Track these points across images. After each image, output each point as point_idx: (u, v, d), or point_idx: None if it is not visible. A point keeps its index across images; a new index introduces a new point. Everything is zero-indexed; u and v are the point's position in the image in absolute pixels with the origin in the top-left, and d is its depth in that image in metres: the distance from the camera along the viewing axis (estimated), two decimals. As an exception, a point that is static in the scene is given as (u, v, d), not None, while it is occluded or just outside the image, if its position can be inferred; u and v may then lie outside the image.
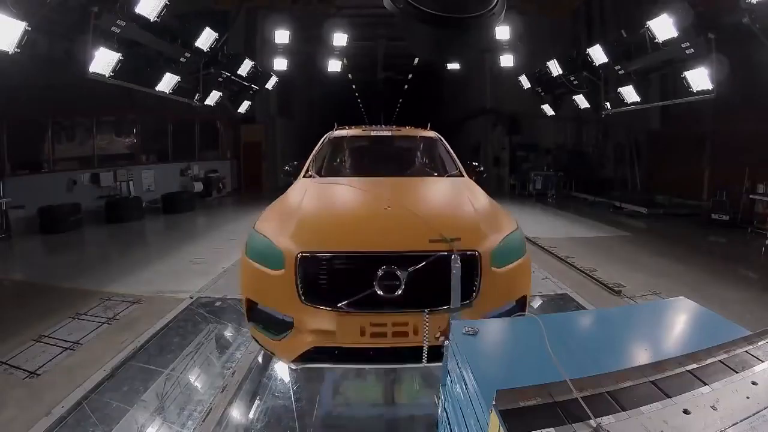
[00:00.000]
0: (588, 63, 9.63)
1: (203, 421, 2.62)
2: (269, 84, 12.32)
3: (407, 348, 2.34)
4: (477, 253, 2.42)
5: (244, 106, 12.08)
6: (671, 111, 10.49)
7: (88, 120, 10.37)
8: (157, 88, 8.21)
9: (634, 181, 12.90)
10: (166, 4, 6.73)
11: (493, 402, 0.95)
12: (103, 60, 6.45)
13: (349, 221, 2.85)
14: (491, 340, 1.45)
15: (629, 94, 8.95)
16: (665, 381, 1.04)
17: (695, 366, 1.10)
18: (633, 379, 1.05)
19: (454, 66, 13.84)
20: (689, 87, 7.27)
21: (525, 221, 4.78)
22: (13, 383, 3.06)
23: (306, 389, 2.97)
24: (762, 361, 1.12)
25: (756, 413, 0.95)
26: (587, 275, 5.51)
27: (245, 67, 10.71)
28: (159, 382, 3.05)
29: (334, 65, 12.63)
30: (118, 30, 6.58)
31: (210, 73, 9.87)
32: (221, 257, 6.27)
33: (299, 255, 2.40)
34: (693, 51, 7.09)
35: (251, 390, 2.98)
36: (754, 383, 1.04)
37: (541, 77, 11.67)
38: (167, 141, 12.73)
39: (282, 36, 11.45)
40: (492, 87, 15.51)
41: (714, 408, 0.96)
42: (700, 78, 7.09)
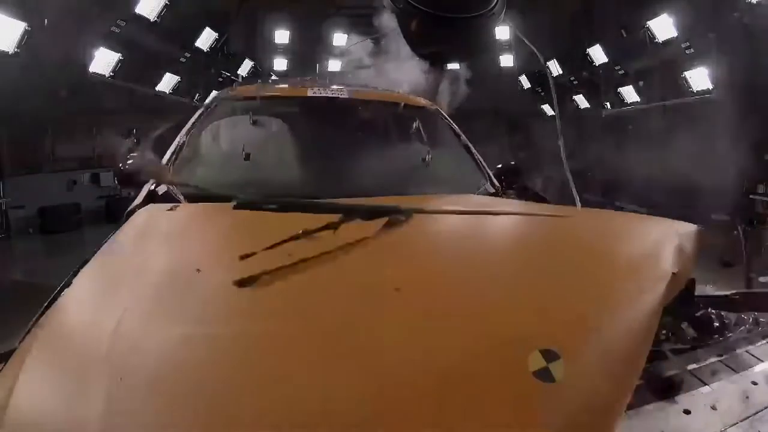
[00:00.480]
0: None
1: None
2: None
3: None
4: None
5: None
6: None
7: (88, 120, 10.34)
8: (157, 88, 8.22)
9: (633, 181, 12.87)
10: (166, 4, 6.74)
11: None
12: (103, 60, 6.46)
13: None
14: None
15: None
16: (665, 381, 1.05)
17: (695, 366, 1.10)
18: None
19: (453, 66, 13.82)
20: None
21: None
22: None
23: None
24: (762, 361, 1.12)
25: (756, 413, 0.95)
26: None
27: (245, 67, 10.72)
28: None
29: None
30: (118, 30, 6.59)
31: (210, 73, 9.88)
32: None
33: None
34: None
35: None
36: (754, 383, 1.04)
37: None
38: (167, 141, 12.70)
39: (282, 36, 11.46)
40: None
41: (714, 408, 0.96)
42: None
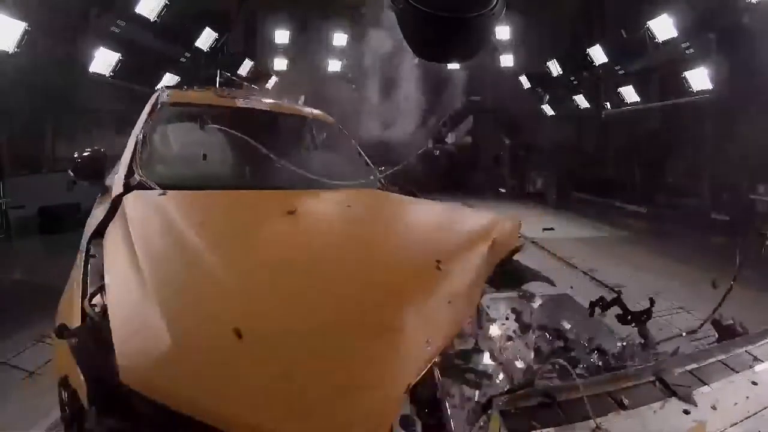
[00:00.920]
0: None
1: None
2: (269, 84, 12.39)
3: None
4: None
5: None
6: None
7: (88, 119, 10.33)
8: (157, 88, 8.22)
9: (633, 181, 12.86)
10: (166, 4, 6.74)
11: (493, 402, 0.95)
12: (103, 60, 6.47)
13: None
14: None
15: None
16: (665, 381, 1.05)
17: (695, 366, 1.10)
18: (633, 379, 1.05)
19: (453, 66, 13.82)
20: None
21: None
22: (14, 382, 3.06)
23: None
24: (762, 361, 1.12)
25: (756, 413, 0.95)
26: (588, 275, 5.51)
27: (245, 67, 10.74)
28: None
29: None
30: (118, 30, 6.59)
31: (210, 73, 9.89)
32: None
33: None
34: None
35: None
36: (754, 383, 1.04)
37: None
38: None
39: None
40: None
41: (714, 408, 0.96)
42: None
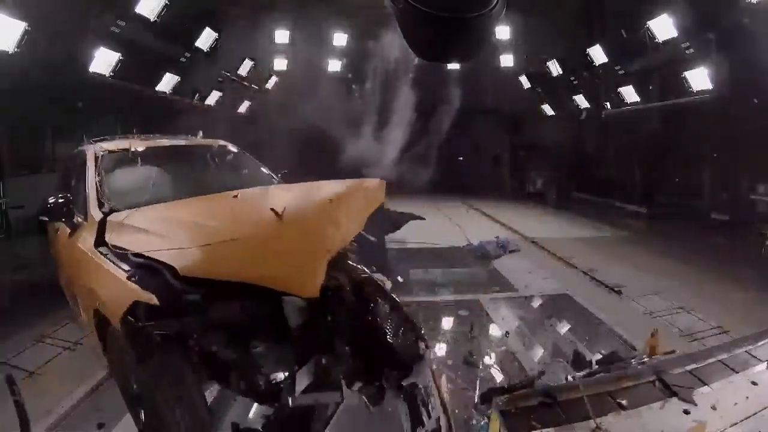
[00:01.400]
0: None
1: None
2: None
3: None
4: None
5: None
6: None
7: (88, 119, 10.31)
8: (157, 88, 8.22)
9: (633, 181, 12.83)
10: (166, 4, 6.74)
11: (494, 402, 0.96)
12: (103, 60, 6.46)
13: None
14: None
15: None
16: (665, 381, 1.04)
17: (695, 366, 1.10)
18: (633, 379, 1.05)
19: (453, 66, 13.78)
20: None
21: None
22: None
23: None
24: (762, 361, 1.12)
25: (756, 413, 0.95)
26: (588, 275, 5.50)
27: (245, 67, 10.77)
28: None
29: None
30: (118, 30, 6.59)
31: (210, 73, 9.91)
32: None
33: None
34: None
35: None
36: (754, 383, 1.04)
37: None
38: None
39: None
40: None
41: (714, 408, 0.96)
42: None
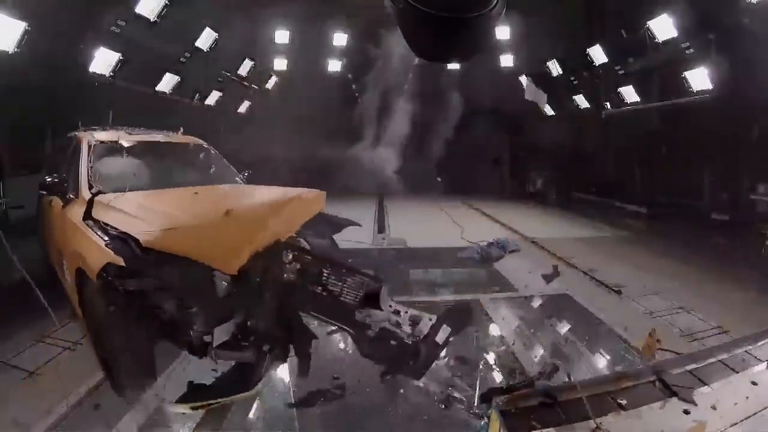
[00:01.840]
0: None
1: (203, 421, 2.61)
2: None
3: None
4: None
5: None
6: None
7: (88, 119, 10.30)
8: (157, 88, 8.22)
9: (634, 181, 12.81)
10: (166, 4, 6.74)
11: (494, 402, 0.96)
12: (103, 60, 6.47)
13: None
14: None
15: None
16: (665, 381, 1.04)
17: (695, 366, 1.10)
18: (633, 380, 1.05)
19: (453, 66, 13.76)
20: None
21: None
22: (14, 382, 3.06)
23: (305, 389, 2.96)
24: (762, 361, 1.12)
25: (756, 413, 0.95)
26: (588, 275, 5.50)
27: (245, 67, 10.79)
28: (159, 381, 3.04)
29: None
30: (118, 30, 6.59)
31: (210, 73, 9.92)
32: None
33: None
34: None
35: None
36: (754, 383, 1.04)
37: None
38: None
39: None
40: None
41: (714, 408, 0.96)
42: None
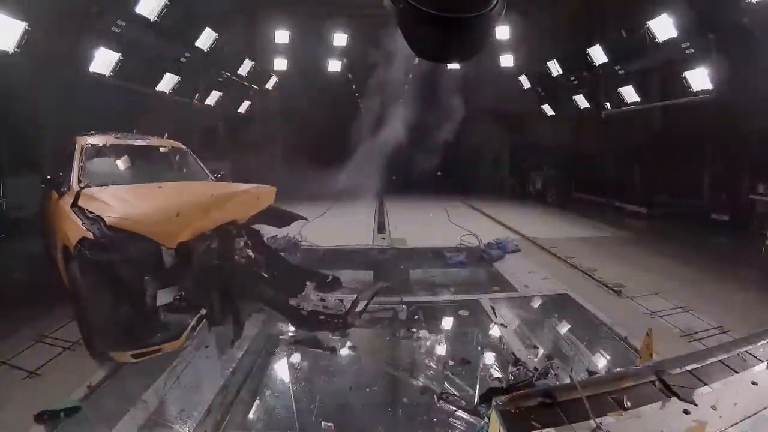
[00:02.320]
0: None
1: (203, 421, 2.62)
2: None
3: None
4: None
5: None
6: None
7: (88, 119, 10.30)
8: (157, 88, 8.23)
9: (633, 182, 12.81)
10: (166, 4, 6.74)
11: (494, 402, 0.95)
12: (103, 60, 6.47)
13: None
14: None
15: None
16: (665, 381, 1.04)
17: (695, 366, 1.10)
18: (633, 380, 1.05)
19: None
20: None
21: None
22: (14, 382, 3.06)
23: (306, 389, 2.97)
24: (762, 361, 1.12)
25: (756, 413, 0.95)
26: (588, 275, 5.49)
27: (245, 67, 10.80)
28: (159, 381, 3.05)
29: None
30: (118, 30, 6.59)
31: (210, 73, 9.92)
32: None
33: None
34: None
35: (251, 390, 2.97)
36: (754, 383, 1.04)
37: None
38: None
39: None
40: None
41: (714, 408, 0.96)
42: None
